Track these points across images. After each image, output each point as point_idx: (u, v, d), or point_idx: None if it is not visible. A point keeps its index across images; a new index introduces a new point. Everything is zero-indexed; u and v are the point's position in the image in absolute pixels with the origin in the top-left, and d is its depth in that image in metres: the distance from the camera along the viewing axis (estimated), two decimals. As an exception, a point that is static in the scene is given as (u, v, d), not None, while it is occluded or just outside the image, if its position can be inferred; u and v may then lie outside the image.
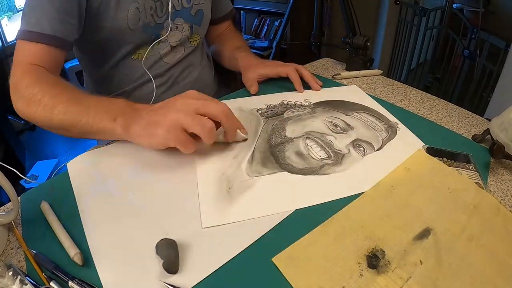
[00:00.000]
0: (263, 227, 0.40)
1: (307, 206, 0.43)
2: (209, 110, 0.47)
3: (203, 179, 0.47)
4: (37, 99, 0.51)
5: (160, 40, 0.72)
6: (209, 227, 0.40)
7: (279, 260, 0.36)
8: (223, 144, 0.53)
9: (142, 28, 0.68)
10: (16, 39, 0.58)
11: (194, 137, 0.47)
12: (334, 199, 0.44)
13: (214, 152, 0.52)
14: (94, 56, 0.74)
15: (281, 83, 0.72)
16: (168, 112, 0.46)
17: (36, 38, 0.57)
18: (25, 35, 0.57)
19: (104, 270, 0.36)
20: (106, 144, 0.55)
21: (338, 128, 0.57)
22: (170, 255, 0.35)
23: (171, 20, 0.71)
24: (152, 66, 0.74)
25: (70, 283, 0.34)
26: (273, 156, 0.51)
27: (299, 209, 0.43)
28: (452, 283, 0.34)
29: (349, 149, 0.53)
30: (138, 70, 0.73)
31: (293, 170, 0.49)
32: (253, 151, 0.52)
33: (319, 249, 0.38)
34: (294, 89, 0.71)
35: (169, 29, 0.71)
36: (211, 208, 0.42)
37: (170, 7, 0.69)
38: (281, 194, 0.45)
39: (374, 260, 0.36)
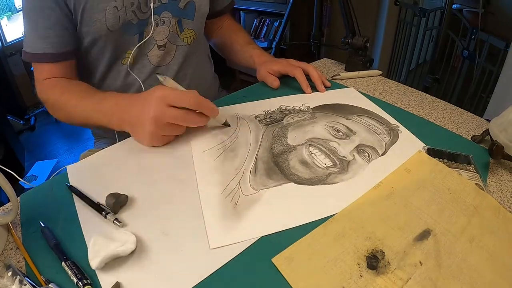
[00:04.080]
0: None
1: (319, 218, 0.41)
2: (180, 104, 0.50)
3: (206, 195, 0.45)
4: (52, 111, 0.65)
5: (145, 40, 0.67)
6: (217, 247, 0.38)
7: (279, 260, 0.36)
8: (223, 154, 0.52)
9: (124, 27, 0.64)
10: (22, 58, 0.64)
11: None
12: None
13: (214, 163, 0.50)
14: (81, 68, 0.70)
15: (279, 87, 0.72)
16: (144, 126, 0.51)
17: (38, 58, 0.63)
18: (29, 57, 0.63)
19: (102, 270, 0.36)
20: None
21: (340, 133, 0.56)
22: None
23: (157, 14, 0.67)
24: (141, 70, 0.71)
25: (62, 263, 0.35)
26: (277, 166, 0.50)
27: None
28: (452, 285, 0.34)
29: (353, 155, 0.52)
30: (128, 77, 0.70)
31: (299, 181, 0.47)
32: (256, 161, 0.51)
33: (319, 250, 0.37)
34: (291, 93, 0.70)
35: (153, 25, 0.66)
36: (218, 228, 0.40)
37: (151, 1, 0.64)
38: (290, 207, 0.43)
39: (374, 261, 0.36)
